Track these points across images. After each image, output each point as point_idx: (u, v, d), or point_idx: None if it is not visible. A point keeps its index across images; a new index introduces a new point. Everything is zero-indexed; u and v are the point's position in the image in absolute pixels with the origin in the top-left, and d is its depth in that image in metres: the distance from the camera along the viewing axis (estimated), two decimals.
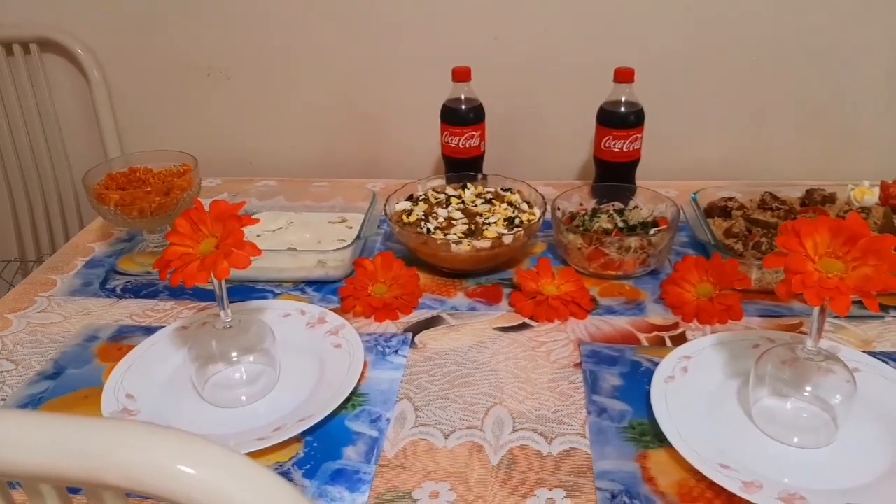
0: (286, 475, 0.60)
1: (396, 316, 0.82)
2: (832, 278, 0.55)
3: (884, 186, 0.94)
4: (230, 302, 0.83)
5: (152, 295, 0.88)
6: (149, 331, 0.79)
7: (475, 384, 0.71)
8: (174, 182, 0.92)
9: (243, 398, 0.69)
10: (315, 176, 1.21)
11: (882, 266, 0.54)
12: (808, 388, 0.62)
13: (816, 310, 0.59)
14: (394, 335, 0.78)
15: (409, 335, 0.78)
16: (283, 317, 0.79)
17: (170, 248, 0.64)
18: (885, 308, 0.80)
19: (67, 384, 0.73)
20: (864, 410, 0.64)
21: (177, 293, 0.87)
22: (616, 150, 1.00)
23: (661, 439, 0.62)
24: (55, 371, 0.75)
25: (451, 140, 1.04)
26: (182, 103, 1.26)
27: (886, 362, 0.70)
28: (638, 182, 1.04)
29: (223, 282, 0.65)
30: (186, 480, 0.31)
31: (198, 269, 0.61)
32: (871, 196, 0.93)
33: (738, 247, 0.85)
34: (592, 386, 0.70)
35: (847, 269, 0.56)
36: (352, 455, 0.62)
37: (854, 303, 0.54)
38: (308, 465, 0.61)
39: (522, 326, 0.80)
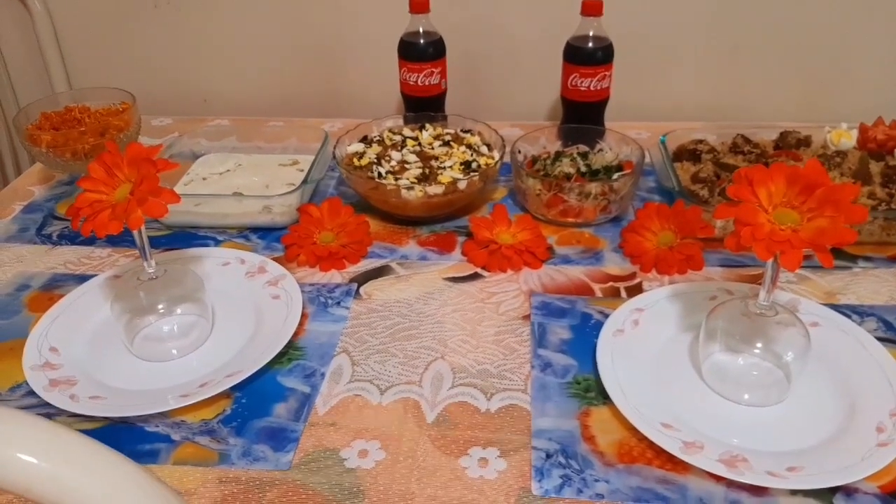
0: (211, 433, 0.58)
1: (343, 265, 0.78)
2: (784, 230, 0.51)
3: (863, 129, 0.89)
4: (167, 250, 0.80)
5: (89, 242, 0.83)
6: (83, 279, 0.75)
7: (418, 337, 0.68)
8: (110, 122, 0.87)
9: (174, 351, 0.66)
10: (274, 115, 1.15)
11: (838, 217, 0.50)
12: (759, 344, 0.59)
13: (769, 263, 0.55)
14: (338, 286, 0.75)
15: (354, 286, 0.75)
16: (221, 265, 0.76)
17: (82, 194, 0.59)
18: (853, 258, 0.77)
19: None
20: (820, 367, 0.61)
21: (115, 240, 0.82)
22: (583, 88, 0.94)
23: (605, 396, 0.59)
24: None
25: (410, 77, 0.98)
26: (131, 38, 1.18)
27: (849, 316, 0.67)
28: (609, 123, 0.99)
29: (141, 230, 0.61)
30: (26, 470, 0.28)
31: (109, 218, 0.57)
32: (849, 139, 0.89)
33: (704, 193, 0.81)
34: (539, 339, 0.67)
35: (803, 221, 0.52)
36: (282, 412, 0.60)
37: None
38: (235, 423, 0.59)
39: (474, 276, 0.76)
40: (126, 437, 0.58)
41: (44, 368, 0.63)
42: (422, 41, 0.97)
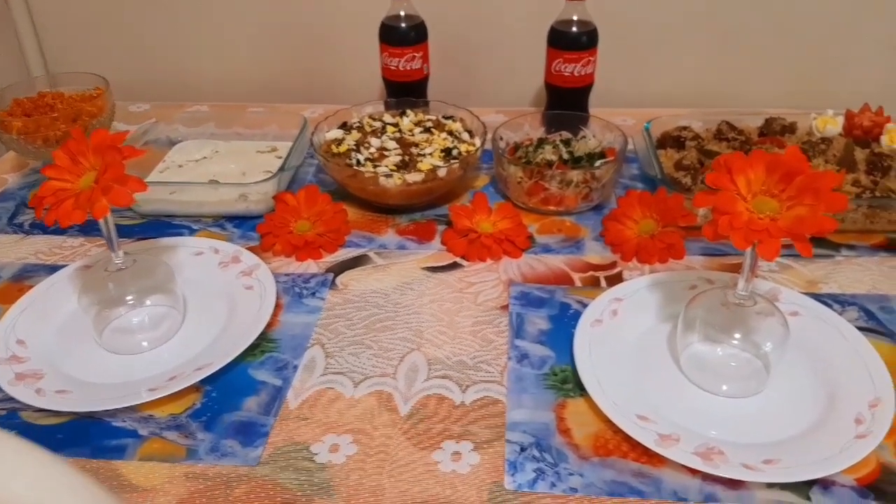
0: (179, 427, 0.57)
1: (319, 255, 0.76)
2: (763, 219, 0.50)
3: (849, 116, 0.88)
4: (140, 239, 0.78)
5: (61, 231, 0.81)
6: (53, 270, 0.74)
7: (394, 328, 0.66)
8: (83, 108, 0.85)
9: (144, 344, 0.65)
10: (255, 101, 1.13)
11: (818, 206, 0.49)
12: (737, 334, 0.58)
13: (748, 252, 0.54)
14: (314, 276, 0.73)
15: (331, 276, 0.73)
16: (194, 255, 0.74)
17: (46, 182, 0.57)
18: (835, 247, 0.76)
19: None
20: (800, 357, 0.60)
21: (87, 230, 0.81)
22: (567, 74, 0.93)
23: (582, 388, 0.58)
24: None
25: (391, 62, 0.96)
26: (109, 21, 1.15)
27: (830, 305, 0.67)
28: (594, 110, 0.97)
29: (107, 219, 0.59)
30: None
31: (73, 207, 0.55)
32: (835, 126, 0.87)
33: (687, 180, 0.80)
34: (517, 330, 0.66)
35: (782, 209, 0.51)
36: (252, 406, 0.58)
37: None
38: (204, 417, 0.58)
39: (453, 266, 0.75)
40: (93, 432, 0.56)
41: (10, 362, 0.61)
42: (403, 25, 0.95)
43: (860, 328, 0.63)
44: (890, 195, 0.76)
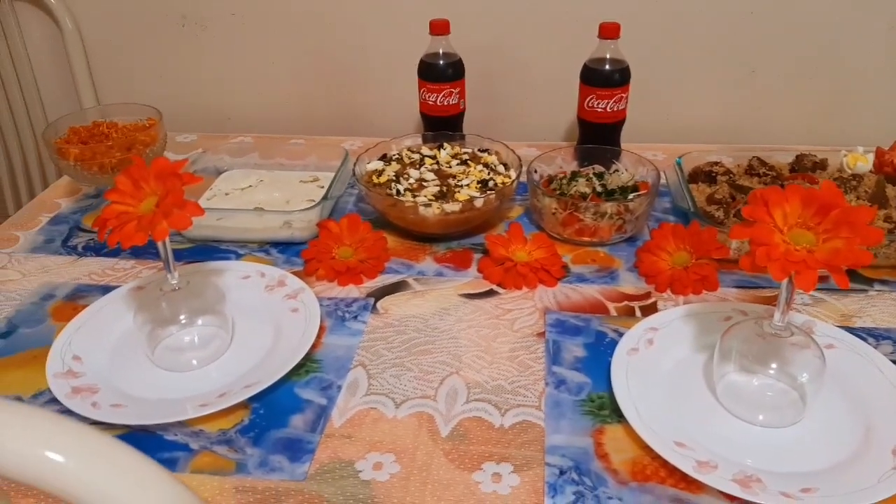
0: (228, 442, 0.59)
1: (360, 280, 0.79)
2: (800, 251, 0.51)
3: (879, 153, 0.90)
4: (189, 262, 0.81)
5: (114, 253, 0.85)
6: (106, 290, 0.77)
7: (433, 352, 0.68)
8: (136, 137, 0.89)
9: (194, 362, 0.67)
10: (295, 133, 1.17)
11: (854, 239, 0.51)
12: (774, 365, 0.60)
13: (784, 284, 0.56)
14: (355, 300, 0.76)
15: (372, 300, 0.76)
16: (242, 279, 0.77)
17: (109, 206, 0.61)
18: (869, 281, 0.77)
19: (18, 343, 0.71)
20: (836, 389, 0.61)
21: (138, 252, 0.84)
22: (600, 110, 0.96)
23: (619, 414, 0.59)
24: (7, 329, 0.73)
25: (429, 97, 1.00)
26: (158, 55, 1.21)
27: (865, 339, 0.67)
28: (624, 145, 1.00)
29: (165, 241, 0.62)
30: (54, 468, 0.29)
31: (135, 230, 0.58)
32: (865, 163, 0.89)
33: (719, 214, 0.81)
34: (554, 357, 0.67)
35: (818, 242, 0.52)
36: (298, 423, 0.60)
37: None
38: (252, 433, 0.60)
39: (489, 293, 0.77)
40: (145, 445, 0.59)
41: (66, 376, 0.64)
42: (441, 62, 0.98)
43: (894, 361, 0.64)
44: None
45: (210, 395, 0.62)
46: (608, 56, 0.94)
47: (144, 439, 0.59)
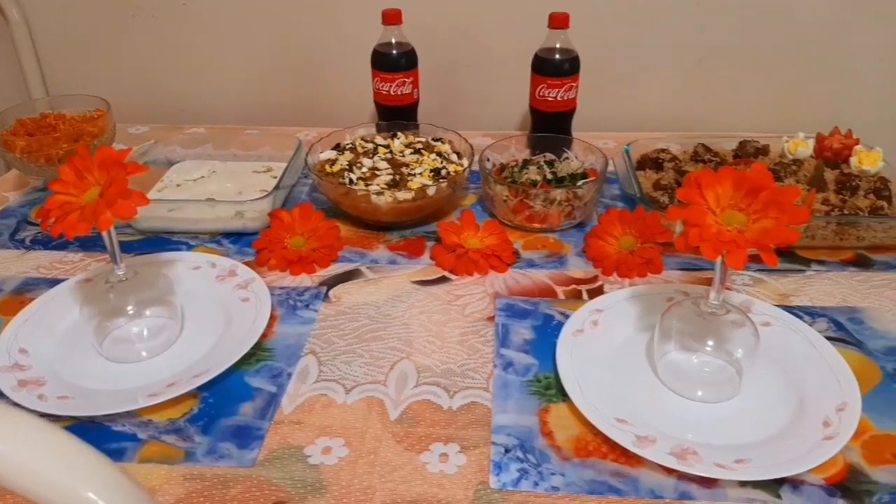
0: (178, 431, 0.59)
1: (313, 269, 0.79)
2: (731, 231, 0.53)
3: (819, 139, 0.93)
4: (140, 254, 0.81)
5: (62, 246, 0.84)
6: (54, 283, 0.76)
7: (385, 338, 0.69)
8: (84, 128, 0.88)
9: (143, 353, 0.67)
10: (251, 124, 1.17)
11: (782, 218, 0.53)
12: (711, 342, 0.62)
13: (718, 263, 0.58)
14: (307, 289, 0.76)
15: (324, 289, 0.76)
16: (192, 269, 0.77)
17: (52, 196, 0.60)
18: (807, 262, 0.79)
19: None
20: (772, 364, 0.63)
21: (87, 245, 0.83)
22: (550, 99, 0.97)
23: (564, 393, 0.61)
24: None
25: (383, 87, 1.00)
26: (110, 46, 1.20)
27: (801, 317, 0.70)
28: (576, 133, 1.02)
29: (110, 232, 0.62)
30: None
31: (78, 219, 0.58)
32: (806, 148, 0.92)
33: (665, 199, 0.84)
34: (503, 340, 0.68)
35: (749, 222, 0.54)
36: (248, 411, 0.61)
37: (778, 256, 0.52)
38: (202, 422, 0.60)
39: (441, 280, 0.78)
40: (93, 435, 0.58)
41: (12, 370, 0.64)
42: (394, 52, 0.99)
43: (829, 338, 0.66)
44: (858, 213, 0.80)
45: (159, 385, 0.62)
46: (558, 46, 0.95)
47: (92, 430, 0.59)
